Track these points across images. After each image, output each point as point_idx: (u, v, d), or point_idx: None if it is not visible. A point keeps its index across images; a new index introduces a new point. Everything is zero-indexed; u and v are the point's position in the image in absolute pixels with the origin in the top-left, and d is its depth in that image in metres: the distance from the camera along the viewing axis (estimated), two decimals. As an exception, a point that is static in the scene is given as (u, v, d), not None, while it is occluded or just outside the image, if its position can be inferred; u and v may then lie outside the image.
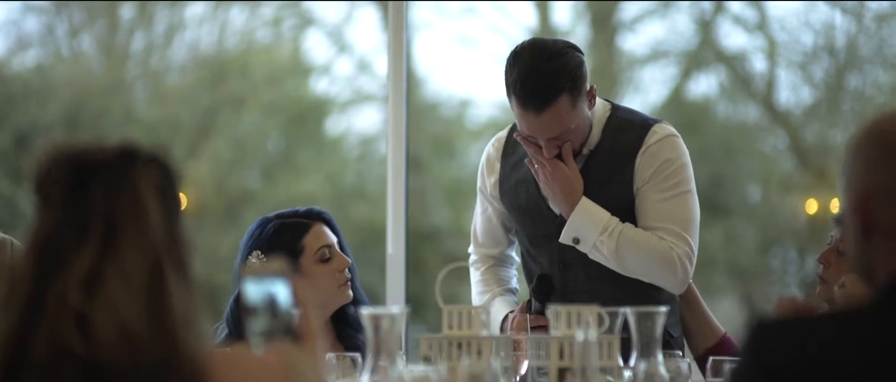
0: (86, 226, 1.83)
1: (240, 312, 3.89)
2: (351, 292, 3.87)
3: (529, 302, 3.83)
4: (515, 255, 4.12)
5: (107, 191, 1.84)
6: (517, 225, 4.00)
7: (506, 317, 3.90)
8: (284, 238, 3.83)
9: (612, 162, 3.81)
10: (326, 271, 3.85)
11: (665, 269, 3.76)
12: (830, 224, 3.77)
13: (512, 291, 4.06)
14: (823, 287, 3.69)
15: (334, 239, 3.89)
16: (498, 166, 4.01)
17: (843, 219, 1.80)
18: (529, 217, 3.92)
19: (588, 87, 3.74)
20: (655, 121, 3.86)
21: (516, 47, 3.78)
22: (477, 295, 4.08)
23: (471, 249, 4.14)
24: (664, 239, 3.74)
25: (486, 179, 4.06)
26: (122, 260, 1.81)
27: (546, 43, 3.79)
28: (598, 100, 3.85)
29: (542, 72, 3.68)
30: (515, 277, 4.13)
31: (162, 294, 1.82)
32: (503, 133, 4.06)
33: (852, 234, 1.76)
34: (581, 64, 3.72)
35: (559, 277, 3.86)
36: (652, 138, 3.80)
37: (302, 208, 3.95)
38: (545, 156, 3.75)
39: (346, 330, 3.85)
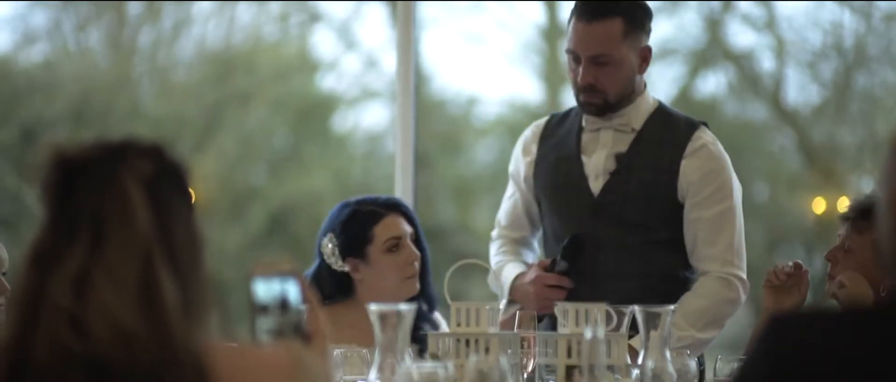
0: (74, 228, 1.82)
1: (316, 280, 3.93)
2: (418, 285, 3.88)
3: (554, 261, 3.85)
4: (536, 243, 4.14)
5: (93, 191, 1.83)
6: (549, 205, 4.01)
7: (518, 276, 3.95)
8: (356, 225, 3.87)
9: (658, 149, 3.88)
10: (393, 262, 3.86)
11: (734, 307, 3.91)
12: (837, 222, 3.80)
13: (525, 264, 4.07)
14: (831, 284, 3.72)
15: (408, 230, 3.90)
16: (534, 148, 4.04)
17: (879, 214, 1.79)
18: (564, 195, 3.94)
19: (643, 41, 3.88)
20: (699, 123, 3.95)
21: None
22: (493, 265, 4.11)
23: (494, 233, 4.17)
24: (720, 277, 3.82)
25: (519, 162, 4.09)
26: (109, 259, 1.80)
27: None
28: (647, 93, 3.93)
29: None
30: (532, 257, 4.14)
31: (154, 291, 1.80)
32: (542, 120, 4.09)
33: (887, 230, 1.75)
34: (645, 9, 3.90)
35: (591, 259, 3.89)
36: (697, 141, 3.88)
37: (383, 196, 4.00)
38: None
39: (415, 323, 3.87)
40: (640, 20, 3.86)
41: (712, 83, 10.19)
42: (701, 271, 3.85)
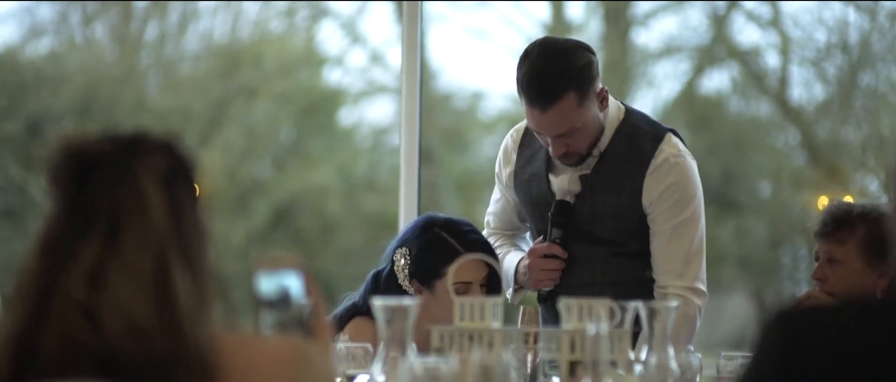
0: (89, 221, 1.82)
1: (378, 288, 3.85)
2: None
3: (547, 233, 3.85)
4: (529, 237, 4.15)
5: (108, 184, 1.83)
6: (528, 218, 4.04)
7: (520, 260, 3.95)
8: (432, 255, 3.78)
9: (622, 170, 3.84)
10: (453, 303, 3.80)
11: (694, 321, 3.88)
12: (813, 240, 3.77)
13: (523, 250, 4.08)
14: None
15: (482, 274, 3.81)
16: (514, 157, 4.04)
17: (892, 218, 1.80)
18: (539, 211, 3.95)
19: (598, 88, 3.77)
20: (665, 133, 3.89)
21: (528, 46, 3.83)
22: None
23: (485, 232, 4.17)
24: (679, 295, 3.80)
25: (502, 169, 4.09)
26: (125, 253, 1.80)
27: (556, 41, 3.85)
28: (612, 102, 3.86)
29: (548, 70, 3.73)
30: (527, 247, 4.13)
31: (167, 286, 1.80)
32: (523, 124, 4.07)
33: None
34: (590, 64, 3.76)
35: (565, 269, 3.90)
36: (660, 156, 3.84)
37: (471, 230, 3.86)
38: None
39: None
40: (588, 77, 3.74)
41: (717, 80, 10.19)
42: (658, 284, 3.86)
